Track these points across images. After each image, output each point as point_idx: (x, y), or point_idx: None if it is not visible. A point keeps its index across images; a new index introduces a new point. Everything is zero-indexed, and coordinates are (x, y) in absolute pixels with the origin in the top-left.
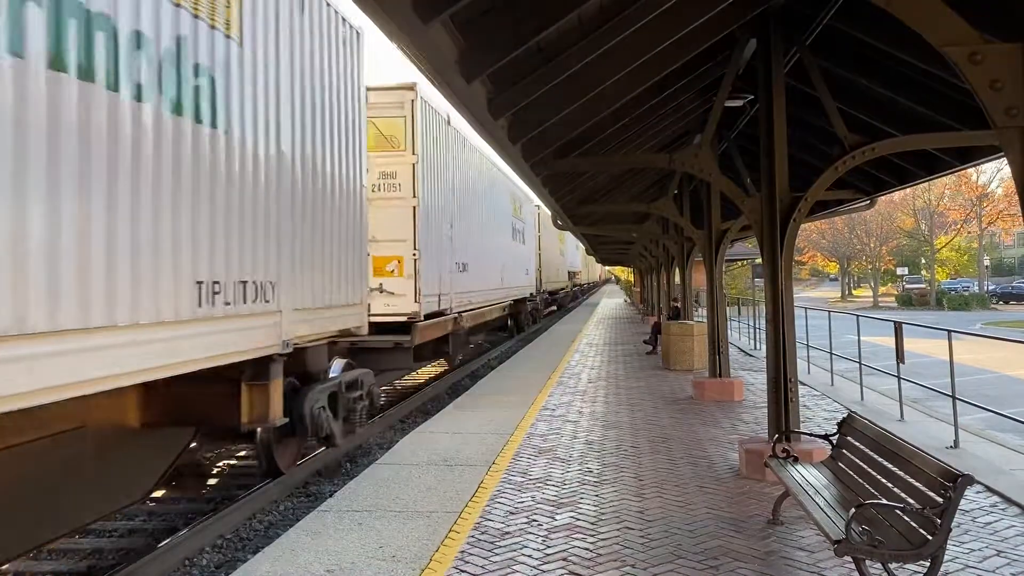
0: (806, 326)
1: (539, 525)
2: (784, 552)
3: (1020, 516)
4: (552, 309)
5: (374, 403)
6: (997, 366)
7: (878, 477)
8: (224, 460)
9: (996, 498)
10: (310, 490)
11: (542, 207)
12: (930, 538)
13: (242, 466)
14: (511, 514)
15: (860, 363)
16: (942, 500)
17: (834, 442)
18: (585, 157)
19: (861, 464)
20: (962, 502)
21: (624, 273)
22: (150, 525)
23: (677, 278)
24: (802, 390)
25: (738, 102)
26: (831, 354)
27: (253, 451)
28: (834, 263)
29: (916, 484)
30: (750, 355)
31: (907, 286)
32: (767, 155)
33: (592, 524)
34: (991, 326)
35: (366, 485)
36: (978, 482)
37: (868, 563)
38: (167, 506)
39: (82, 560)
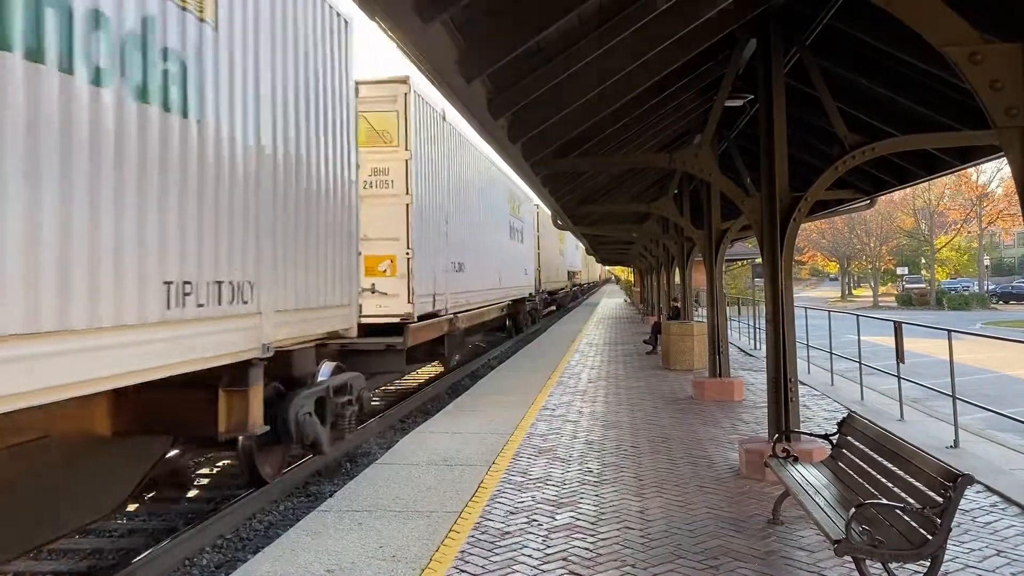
0: (806, 326)
1: (539, 525)
2: (784, 552)
3: (1020, 516)
4: (552, 309)
5: (364, 408)
6: (997, 366)
7: (878, 477)
8: (222, 461)
9: (996, 498)
10: (310, 490)
11: (541, 206)
12: (930, 538)
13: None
14: (511, 514)
15: (860, 363)
16: (942, 500)
17: (834, 442)
18: (585, 157)
19: (861, 464)
20: (962, 502)
21: (624, 273)
22: (150, 525)
23: (677, 278)
24: (802, 390)
25: (738, 102)
26: (831, 354)
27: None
28: (834, 263)
29: (916, 484)
30: (750, 355)
31: (907, 286)
32: (767, 155)
33: (592, 524)
34: (991, 326)
35: (366, 485)
36: (978, 482)
37: (868, 563)
38: (167, 506)
39: (82, 560)
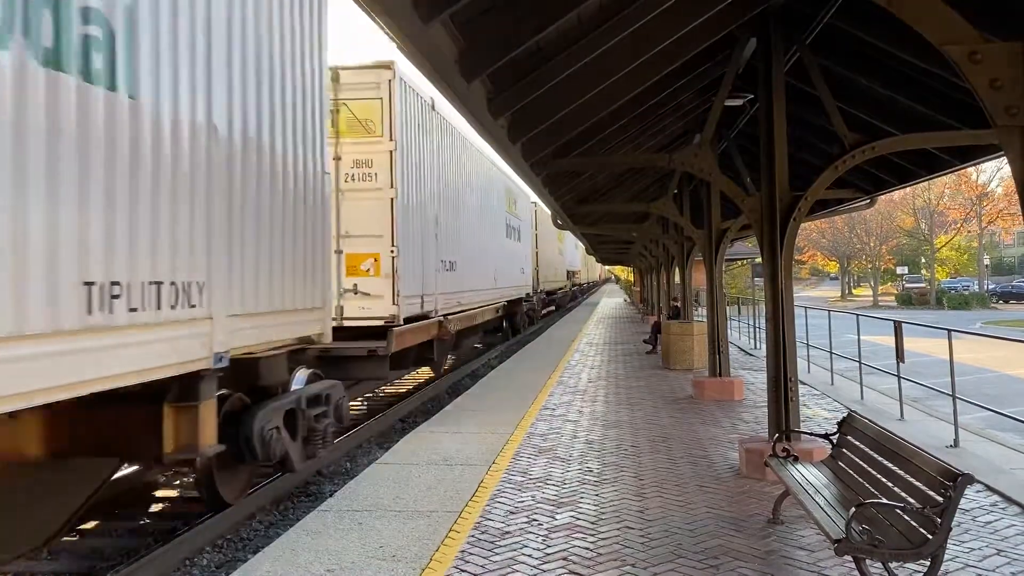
0: (806, 325)
1: (539, 524)
2: (784, 551)
3: (1020, 515)
4: (551, 310)
5: (343, 420)
6: (997, 365)
7: (878, 476)
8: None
9: (996, 497)
10: (310, 490)
11: (539, 203)
12: (930, 537)
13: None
14: (511, 513)
15: (860, 362)
16: (942, 499)
17: (834, 441)
18: (585, 156)
19: (861, 463)
20: (962, 501)
21: (624, 272)
22: (150, 525)
23: (677, 277)
24: (802, 389)
25: (738, 101)
26: (831, 353)
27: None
28: (834, 262)
29: (916, 483)
30: (750, 354)
31: (907, 285)
32: (767, 154)
33: (592, 523)
34: (991, 325)
35: (366, 485)
36: (978, 481)
37: (868, 562)
38: (167, 506)
39: (82, 560)
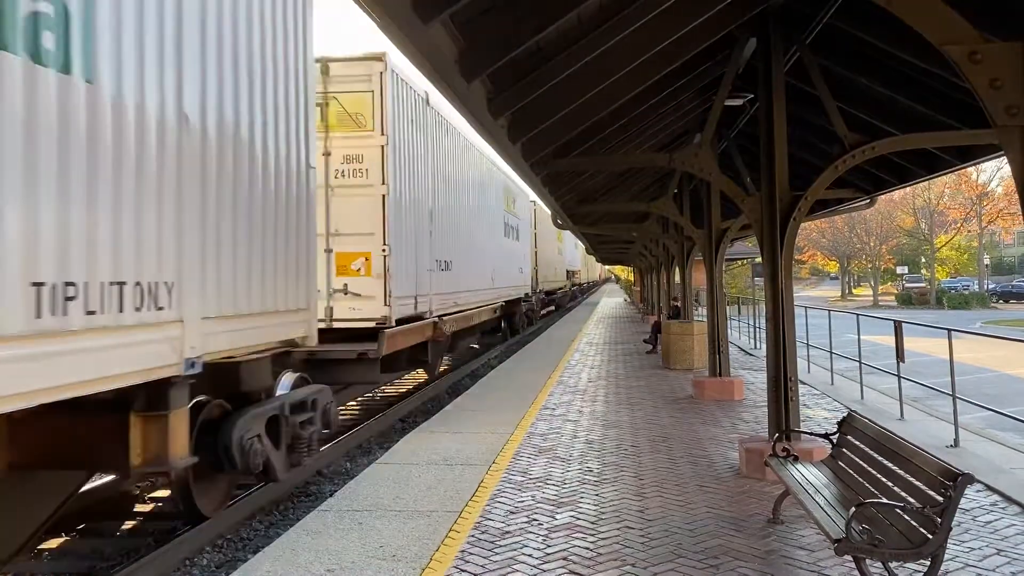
0: (806, 325)
1: (539, 524)
2: (784, 551)
3: (1020, 515)
4: (550, 310)
5: (331, 426)
6: (997, 365)
7: (878, 476)
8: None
9: (996, 497)
10: (310, 490)
11: (538, 202)
12: (930, 537)
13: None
14: (511, 513)
15: (860, 362)
16: (942, 499)
17: (834, 441)
18: (585, 156)
19: (861, 463)
20: (962, 501)
21: (624, 272)
22: (150, 525)
23: (677, 277)
24: (802, 389)
25: (738, 101)
26: (831, 353)
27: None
28: (834, 262)
29: (916, 483)
30: (750, 354)
31: (907, 285)
32: (767, 154)
33: (592, 523)
34: (991, 325)
35: (366, 485)
36: (978, 481)
37: (868, 562)
38: (167, 506)
39: (82, 560)
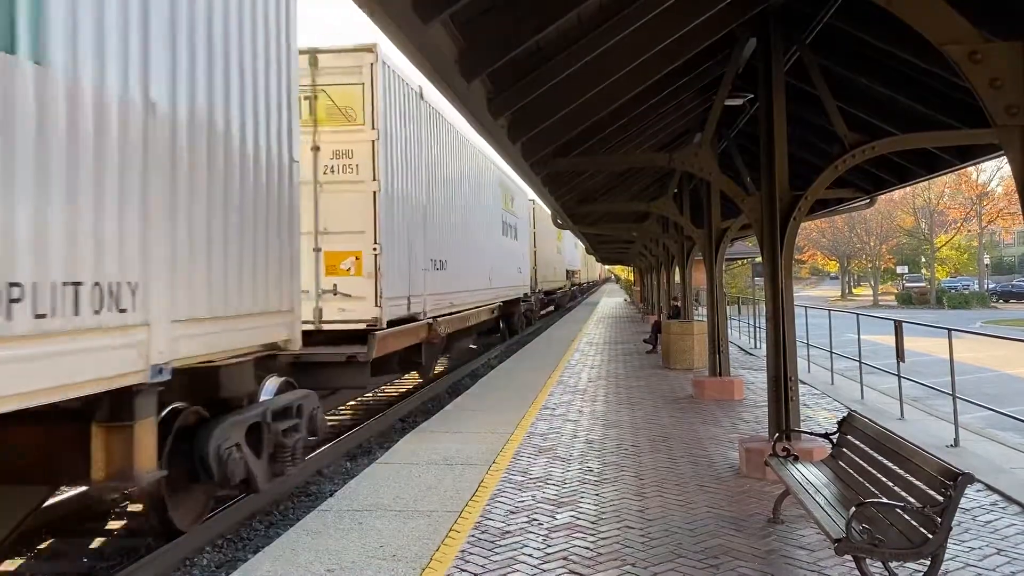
0: (806, 325)
1: (540, 524)
2: (784, 551)
3: (1020, 515)
4: (550, 310)
5: (318, 432)
6: (997, 364)
7: (878, 476)
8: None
9: (996, 496)
10: (310, 490)
11: (537, 201)
12: (930, 537)
13: None
14: (512, 513)
15: (860, 362)
16: (942, 499)
17: (834, 441)
18: (585, 156)
19: (861, 463)
20: (962, 501)
21: (624, 272)
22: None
23: (677, 277)
24: (802, 389)
25: (738, 101)
26: (831, 353)
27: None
28: (834, 262)
29: (916, 483)
30: (750, 354)
31: (907, 285)
32: (767, 154)
33: (592, 523)
34: (991, 324)
35: (366, 484)
36: (978, 480)
37: (869, 562)
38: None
39: (82, 560)
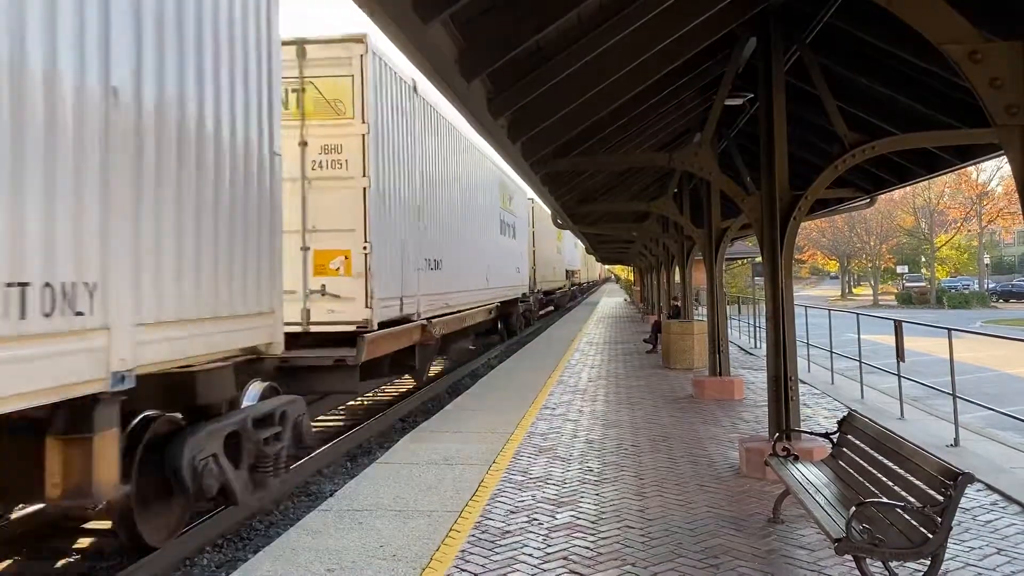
0: (806, 324)
1: (540, 524)
2: (785, 551)
3: (1020, 514)
4: (549, 310)
5: (304, 440)
6: (997, 364)
7: (878, 475)
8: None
9: (997, 496)
10: (310, 489)
11: (536, 199)
12: (931, 536)
13: None
14: (512, 513)
15: (860, 361)
16: (943, 498)
17: (834, 440)
18: (585, 156)
19: (861, 462)
20: (962, 500)
21: (624, 272)
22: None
23: (677, 277)
24: (802, 388)
25: (738, 100)
26: (831, 352)
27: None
28: (834, 261)
29: (916, 482)
30: (750, 353)
31: (907, 284)
32: (767, 153)
33: (593, 523)
34: (991, 324)
35: (366, 484)
36: (978, 480)
37: (869, 561)
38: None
39: (82, 560)
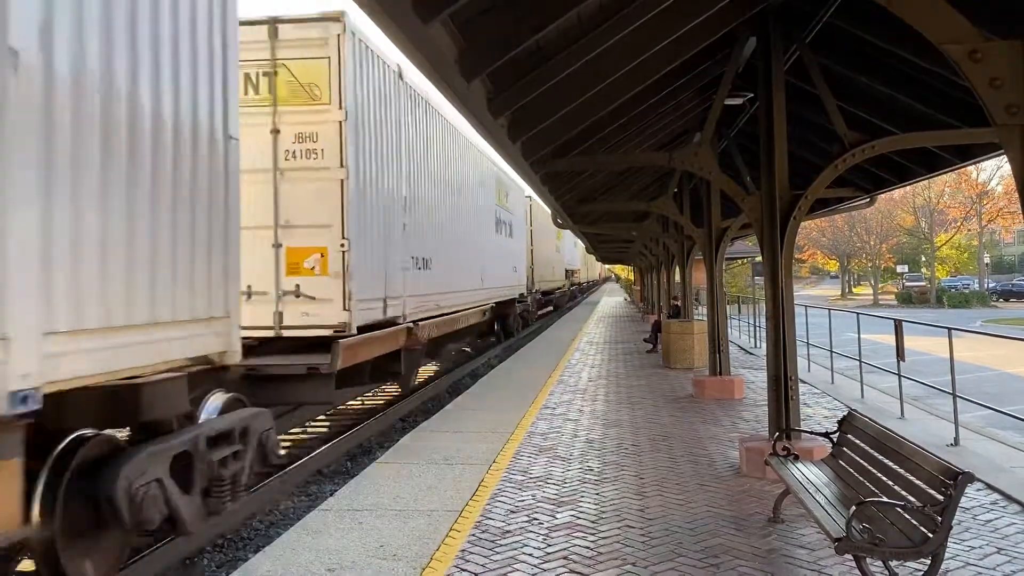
0: (806, 324)
1: (540, 524)
2: (785, 550)
3: (1020, 514)
4: (548, 310)
5: (270, 459)
6: (997, 364)
7: (879, 475)
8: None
9: (997, 496)
10: (310, 489)
11: (534, 197)
12: (931, 536)
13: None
14: (512, 512)
15: (860, 361)
16: (943, 498)
17: (835, 440)
18: (585, 155)
19: (862, 462)
20: (963, 500)
21: (624, 271)
22: None
23: (677, 276)
24: (802, 388)
25: (738, 100)
26: (831, 352)
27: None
28: (834, 261)
29: (917, 482)
30: (750, 353)
31: (907, 284)
32: (767, 153)
33: (593, 522)
34: (991, 323)
35: (366, 484)
36: (979, 480)
37: (869, 561)
38: None
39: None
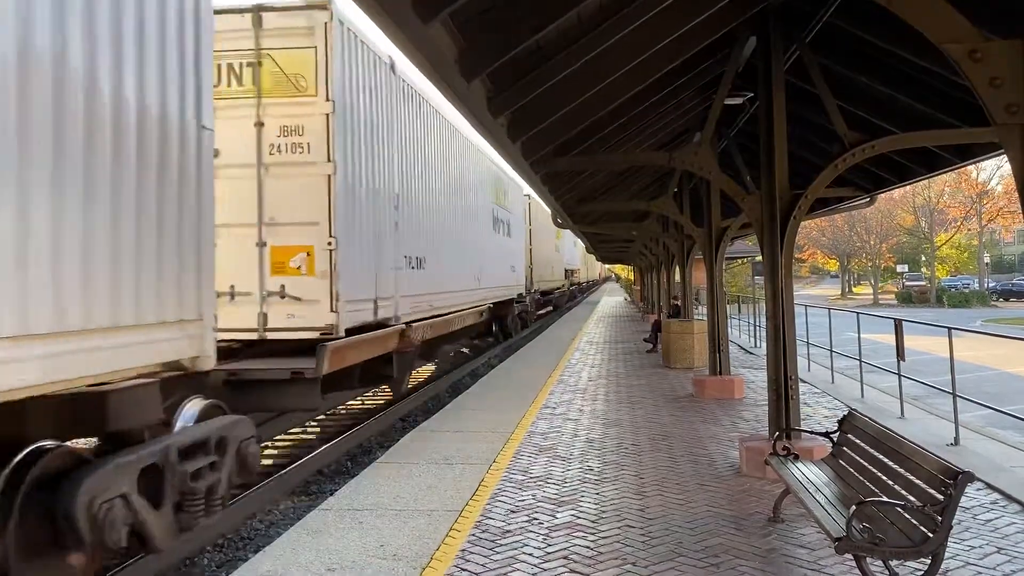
0: (806, 324)
1: (540, 523)
2: (785, 550)
3: (1021, 513)
4: (548, 310)
5: (249, 469)
6: (997, 363)
7: (879, 474)
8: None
9: (997, 495)
10: (311, 489)
11: (533, 195)
12: (931, 535)
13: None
14: (512, 512)
15: (860, 360)
16: (943, 497)
17: (835, 439)
18: (585, 155)
19: (862, 461)
20: (963, 499)
21: (624, 271)
22: None
23: (677, 276)
24: (802, 388)
25: (738, 100)
26: (831, 352)
27: None
28: (834, 260)
29: (917, 481)
30: (750, 353)
31: (907, 283)
32: (767, 152)
33: (593, 522)
34: (991, 323)
35: (367, 484)
36: (979, 479)
37: (869, 560)
38: None
39: None
